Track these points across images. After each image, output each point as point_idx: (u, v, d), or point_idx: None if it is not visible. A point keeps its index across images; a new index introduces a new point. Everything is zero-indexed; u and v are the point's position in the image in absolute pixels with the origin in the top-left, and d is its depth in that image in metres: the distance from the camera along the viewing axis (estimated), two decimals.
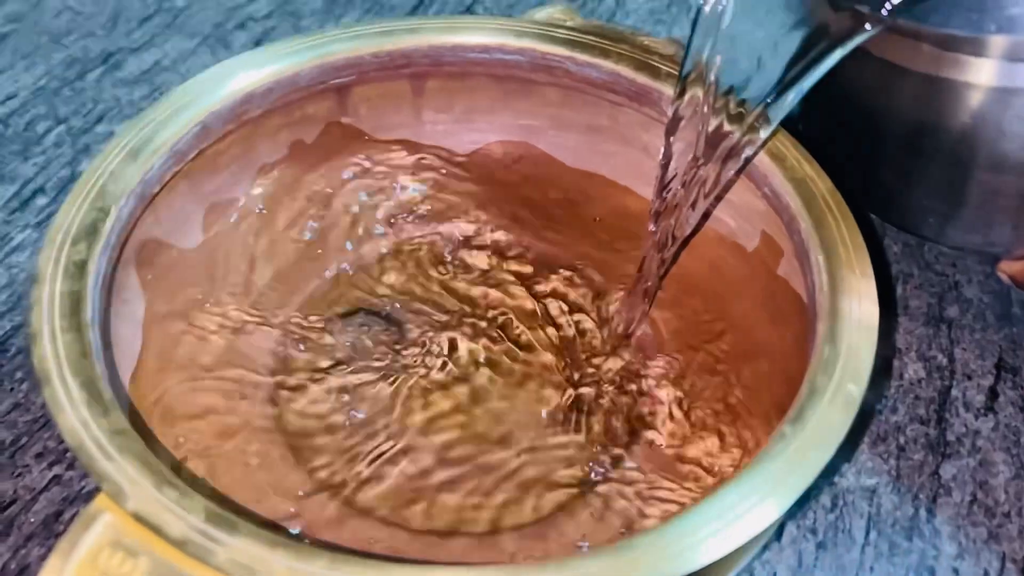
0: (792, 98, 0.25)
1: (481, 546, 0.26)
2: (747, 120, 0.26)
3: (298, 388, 0.30)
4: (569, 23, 0.33)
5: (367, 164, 0.34)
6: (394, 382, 0.30)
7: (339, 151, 0.33)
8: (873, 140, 0.31)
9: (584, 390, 0.30)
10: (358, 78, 0.32)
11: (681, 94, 0.27)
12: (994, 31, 0.25)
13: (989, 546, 0.28)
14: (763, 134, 0.26)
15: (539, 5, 0.35)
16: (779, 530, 0.28)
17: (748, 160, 0.27)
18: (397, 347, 0.31)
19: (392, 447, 0.28)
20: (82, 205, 0.25)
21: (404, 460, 0.28)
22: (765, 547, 0.28)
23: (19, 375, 0.31)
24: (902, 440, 0.31)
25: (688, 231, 0.29)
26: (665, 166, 0.28)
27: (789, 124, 0.28)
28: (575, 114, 0.33)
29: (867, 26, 0.23)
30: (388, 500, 0.27)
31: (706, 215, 0.29)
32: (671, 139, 0.28)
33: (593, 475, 0.28)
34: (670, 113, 0.28)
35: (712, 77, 0.26)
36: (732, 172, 0.27)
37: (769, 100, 0.25)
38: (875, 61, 0.28)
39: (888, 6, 0.23)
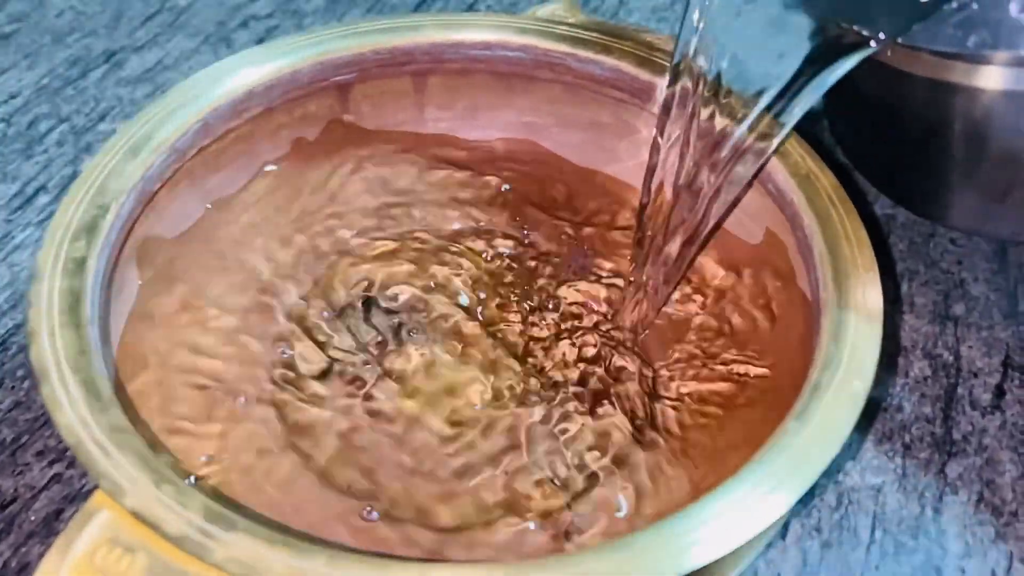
0: (799, 109, 0.25)
1: (475, 542, 0.26)
2: (756, 126, 0.26)
3: (298, 384, 0.29)
4: (571, 20, 0.33)
5: (369, 161, 0.34)
6: (398, 376, 0.30)
7: (341, 148, 0.33)
8: (894, 140, 0.32)
9: (584, 389, 0.30)
10: (360, 75, 0.32)
11: (673, 82, 0.27)
12: (978, 45, 0.25)
13: (996, 545, 0.28)
14: (774, 141, 0.26)
15: (541, 2, 0.35)
16: (783, 529, 0.28)
17: (761, 167, 0.27)
18: (398, 342, 0.31)
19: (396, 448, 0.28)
20: (82, 202, 0.25)
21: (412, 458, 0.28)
22: (769, 546, 0.28)
23: (20, 373, 0.31)
24: (908, 438, 0.31)
25: (704, 234, 0.29)
26: (653, 166, 0.28)
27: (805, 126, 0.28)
28: (578, 111, 0.33)
29: (871, 44, 0.23)
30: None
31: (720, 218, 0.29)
32: (662, 133, 0.28)
33: (595, 470, 0.28)
34: (659, 103, 0.28)
35: (705, 75, 0.27)
36: (745, 180, 0.27)
37: (775, 105, 0.25)
38: (884, 67, 0.29)
39: (879, 38, 0.23)
